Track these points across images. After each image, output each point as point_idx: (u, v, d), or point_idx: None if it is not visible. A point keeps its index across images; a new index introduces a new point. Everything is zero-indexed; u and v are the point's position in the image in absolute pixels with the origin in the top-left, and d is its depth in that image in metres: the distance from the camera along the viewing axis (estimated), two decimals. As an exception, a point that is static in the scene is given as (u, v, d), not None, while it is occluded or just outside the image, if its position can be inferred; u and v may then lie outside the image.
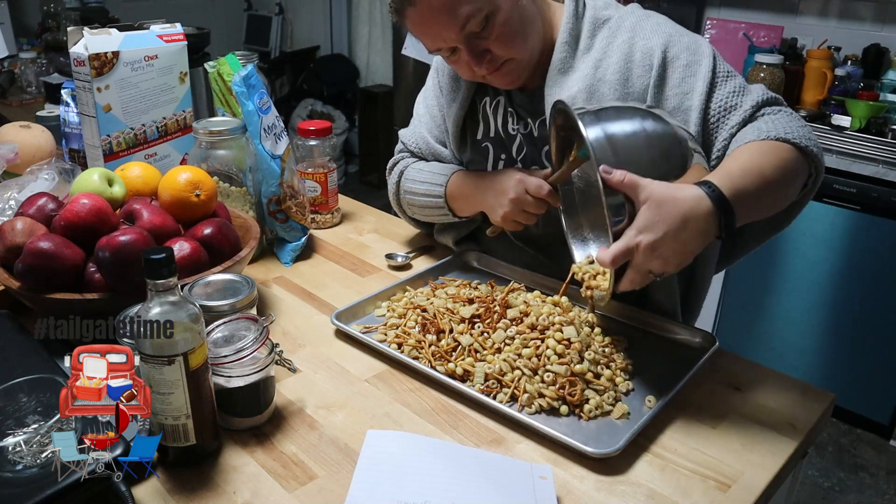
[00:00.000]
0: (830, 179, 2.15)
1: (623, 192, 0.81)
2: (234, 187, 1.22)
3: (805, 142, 0.93)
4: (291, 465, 0.79)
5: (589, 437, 0.82)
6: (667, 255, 0.81)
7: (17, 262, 0.92)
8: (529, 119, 1.13)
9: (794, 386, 0.93)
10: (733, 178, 0.84)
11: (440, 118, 1.25)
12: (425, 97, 1.29)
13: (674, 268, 0.83)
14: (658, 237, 0.79)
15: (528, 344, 0.92)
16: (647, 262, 0.81)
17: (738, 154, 0.92)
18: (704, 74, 1.01)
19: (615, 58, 1.04)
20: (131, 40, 1.25)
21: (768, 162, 0.89)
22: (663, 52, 1.02)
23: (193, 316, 0.72)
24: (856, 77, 2.39)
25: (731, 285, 2.46)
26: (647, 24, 1.05)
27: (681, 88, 1.01)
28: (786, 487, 0.87)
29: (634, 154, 0.87)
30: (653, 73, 1.02)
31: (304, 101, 4.48)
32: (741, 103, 1.00)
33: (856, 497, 2.12)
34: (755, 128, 0.96)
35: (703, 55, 1.02)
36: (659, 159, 0.89)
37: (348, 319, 1.04)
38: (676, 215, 0.79)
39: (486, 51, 1.01)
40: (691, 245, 0.82)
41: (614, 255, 0.80)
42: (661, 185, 0.81)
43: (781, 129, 0.93)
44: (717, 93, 1.01)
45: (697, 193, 0.81)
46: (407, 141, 1.30)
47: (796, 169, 0.92)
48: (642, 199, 0.80)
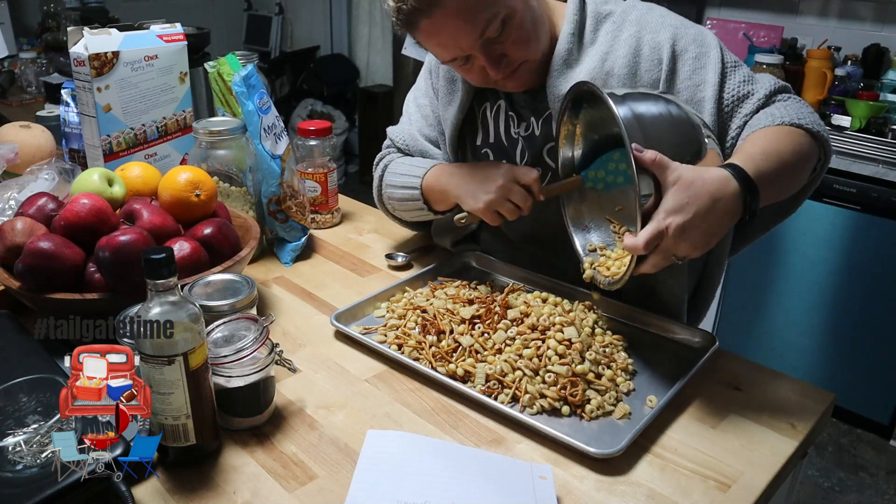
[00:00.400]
0: (830, 179, 2.15)
1: (652, 172, 0.81)
2: (234, 187, 1.22)
3: (817, 127, 0.96)
4: (291, 465, 0.79)
5: (591, 437, 0.82)
6: (695, 238, 0.81)
7: (17, 262, 0.92)
8: (532, 118, 1.13)
9: (794, 386, 0.93)
10: (755, 160, 0.86)
11: (433, 118, 1.24)
12: (416, 96, 1.28)
13: (700, 251, 0.83)
14: (688, 219, 0.79)
15: (529, 344, 0.92)
16: (675, 244, 0.81)
17: (755, 138, 0.94)
18: (714, 65, 1.02)
19: (623, 51, 1.04)
20: (131, 40, 1.25)
21: (785, 146, 0.92)
22: (672, 45, 1.03)
23: (193, 316, 0.72)
24: (856, 77, 2.39)
25: (731, 285, 2.46)
26: (652, 18, 1.06)
27: (692, 80, 1.02)
28: (786, 487, 0.87)
29: (662, 135, 0.87)
30: (663, 66, 1.03)
31: (304, 101, 4.48)
32: (754, 91, 1.02)
33: (856, 497, 2.12)
34: (768, 114, 0.98)
35: (710, 46, 1.04)
36: (684, 142, 0.90)
37: (348, 320, 1.04)
38: (705, 196, 0.80)
39: (502, 55, 1.01)
40: (719, 226, 0.83)
41: (647, 239, 0.80)
42: (688, 168, 0.82)
43: (794, 114, 0.96)
44: (728, 83, 1.02)
45: (724, 174, 0.83)
46: (395, 137, 1.29)
47: (809, 153, 0.95)
48: (671, 180, 0.80)
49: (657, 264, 0.83)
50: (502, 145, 1.17)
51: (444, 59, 1.03)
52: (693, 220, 0.80)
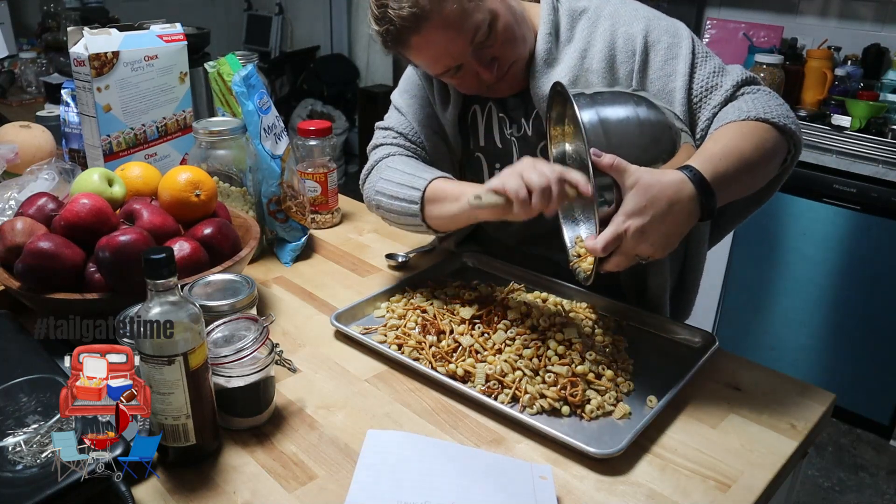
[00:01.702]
0: (830, 179, 2.15)
1: (611, 176, 0.83)
2: (234, 187, 1.22)
3: (784, 120, 0.96)
4: (291, 465, 0.79)
5: (591, 437, 0.82)
6: (654, 240, 0.83)
7: (17, 262, 0.92)
8: (523, 119, 1.13)
9: (794, 386, 0.93)
10: (714, 161, 0.87)
11: (428, 108, 1.18)
12: (406, 88, 1.22)
13: (662, 252, 0.85)
14: (646, 221, 0.81)
15: (529, 345, 0.92)
16: (635, 246, 0.83)
17: (718, 136, 0.94)
18: (685, 56, 1.03)
19: (599, 46, 1.05)
20: (131, 40, 1.25)
21: (748, 143, 0.92)
22: (644, 37, 1.04)
23: (193, 316, 0.72)
24: (856, 77, 2.39)
25: (731, 285, 2.46)
26: (626, 11, 1.07)
27: (664, 71, 1.03)
28: (786, 487, 0.87)
29: (626, 139, 0.89)
30: (636, 58, 1.04)
31: (304, 101, 4.48)
32: (722, 83, 1.02)
33: (856, 497, 2.11)
34: (736, 107, 0.98)
35: (681, 38, 1.05)
36: (649, 145, 0.91)
37: (348, 321, 1.04)
38: (662, 199, 0.82)
39: (493, 59, 1.02)
40: (678, 228, 0.84)
41: (605, 242, 0.82)
42: (647, 171, 0.83)
43: (761, 108, 0.96)
44: (697, 74, 1.03)
45: (680, 178, 0.84)
46: (394, 125, 1.18)
47: (775, 147, 0.96)
48: (629, 184, 0.82)
49: (620, 264, 0.85)
50: (496, 148, 1.17)
51: (437, 71, 1.04)
52: (651, 223, 0.81)
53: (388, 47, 1.02)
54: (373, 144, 1.22)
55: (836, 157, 2.15)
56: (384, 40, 1.01)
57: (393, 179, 1.10)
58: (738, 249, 2.41)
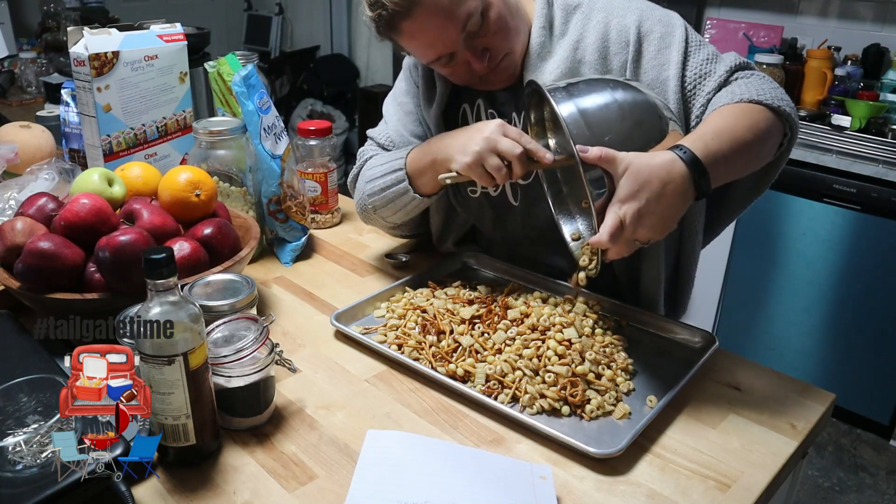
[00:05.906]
0: (830, 179, 2.15)
1: (601, 167, 0.83)
2: (234, 187, 1.22)
3: (777, 102, 0.96)
4: (291, 465, 0.79)
5: (591, 437, 0.82)
6: (652, 222, 0.83)
7: (17, 262, 0.92)
8: (514, 113, 1.13)
9: (794, 386, 0.93)
10: (706, 139, 0.87)
11: (417, 114, 1.21)
12: (396, 95, 1.26)
13: (660, 234, 0.85)
14: (642, 205, 0.81)
15: (529, 345, 0.92)
16: (635, 231, 0.83)
17: (711, 117, 0.94)
18: (678, 45, 1.03)
19: (592, 38, 1.06)
20: (131, 40, 1.25)
21: (741, 123, 0.92)
22: (638, 27, 1.05)
23: (193, 316, 0.72)
24: (856, 77, 2.39)
25: (731, 285, 2.46)
26: (619, 2, 1.08)
27: (657, 60, 1.04)
28: (786, 487, 0.87)
29: (609, 126, 0.89)
30: (630, 49, 1.04)
31: (304, 101, 4.48)
32: (715, 70, 1.03)
33: (856, 497, 2.12)
34: (729, 91, 0.99)
35: (675, 27, 1.05)
36: (634, 129, 0.91)
37: (348, 320, 1.04)
38: (655, 180, 0.82)
39: (485, 49, 1.02)
40: (673, 209, 0.84)
41: (610, 232, 0.82)
42: (636, 155, 0.83)
43: (754, 91, 0.96)
44: (690, 61, 1.03)
45: (671, 157, 0.84)
46: (377, 136, 1.24)
47: (769, 129, 0.95)
48: (620, 170, 0.82)
49: (620, 252, 0.86)
50: None
51: (428, 58, 1.04)
52: (647, 206, 0.82)
53: (381, 33, 1.03)
54: (359, 152, 1.27)
55: (836, 157, 2.15)
56: (377, 26, 1.01)
57: (376, 175, 1.15)
58: (738, 249, 2.41)
